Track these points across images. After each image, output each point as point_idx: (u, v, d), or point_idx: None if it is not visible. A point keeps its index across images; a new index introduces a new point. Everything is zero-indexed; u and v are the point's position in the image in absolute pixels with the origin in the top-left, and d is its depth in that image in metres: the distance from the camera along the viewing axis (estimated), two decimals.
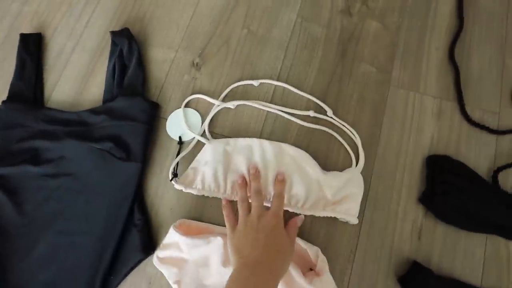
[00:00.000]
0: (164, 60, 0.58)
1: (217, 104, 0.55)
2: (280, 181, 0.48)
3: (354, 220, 0.47)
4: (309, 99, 0.55)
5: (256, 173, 0.49)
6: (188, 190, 0.49)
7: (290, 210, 0.48)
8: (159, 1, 0.62)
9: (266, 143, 0.51)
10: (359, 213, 0.48)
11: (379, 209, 0.50)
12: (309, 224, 0.49)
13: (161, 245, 0.48)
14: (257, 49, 0.58)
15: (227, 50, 0.59)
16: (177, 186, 0.49)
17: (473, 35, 0.58)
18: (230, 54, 0.58)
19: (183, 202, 0.51)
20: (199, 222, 0.50)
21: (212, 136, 0.54)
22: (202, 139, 0.52)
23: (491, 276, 0.46)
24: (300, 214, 0.48)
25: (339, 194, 0.48)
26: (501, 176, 0.50)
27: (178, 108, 0.55)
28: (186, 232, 0.47)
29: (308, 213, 0.48)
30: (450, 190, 0.48)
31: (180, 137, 0.53)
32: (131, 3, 0.62)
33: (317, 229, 0.49)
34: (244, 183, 0.49)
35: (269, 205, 0.48)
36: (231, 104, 0.55)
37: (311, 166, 0.50)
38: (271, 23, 0.60)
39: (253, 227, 0.43)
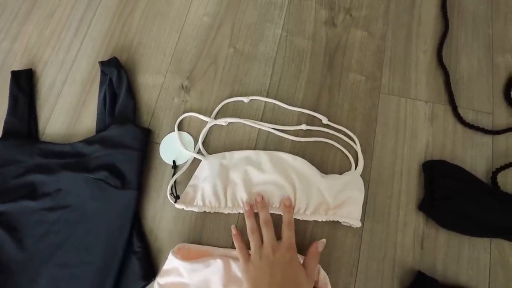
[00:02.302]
0: (154, 85, 0.59)
1: (210, 122, 0.55)
2: (288, 206, 0.47)
3: (357, 223, 0.47)
4: (300, 112, 0.55)
5: (262, 201, 0.48)
6: (190, 209, 0.49)
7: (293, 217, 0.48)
8: (145, 28, 0.63)
9: (262, 153, 0.51)
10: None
11: (379, 219, 0.49)
12: (309, 238, 0.49)
13: (161, 271, 0.47)
14: (244, 67, 0.59)
15: (215, 70, 0.59)
16: (178, 206, 0.49)
17: (460, 36, 0.58)
18: (218, 74, 0.59)
19: (181, 225, 0.51)
20: (198, 245, 0.49)
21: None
22: (198, 156, 0.52)
23: (498, 282, 0.45)
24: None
25: (339, 198, 0.48)
26: (500, 177, 0.49)
27: (170, 132, 0.55)
28: (186, 257, 0.47)
29: (311, 218, 0.48)
30: (449, 195, 0.47)
31: (174, 161, 0.53)
32: (118, 32, 0.63)
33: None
34: (251, 212, 0.48)
35: (272, 212, 0.48)
36: (223, 121, 0.55)
37: (309, 171, 0.50)
38: (257, 39, 0.60)
39: (268, 261, 0.43)
